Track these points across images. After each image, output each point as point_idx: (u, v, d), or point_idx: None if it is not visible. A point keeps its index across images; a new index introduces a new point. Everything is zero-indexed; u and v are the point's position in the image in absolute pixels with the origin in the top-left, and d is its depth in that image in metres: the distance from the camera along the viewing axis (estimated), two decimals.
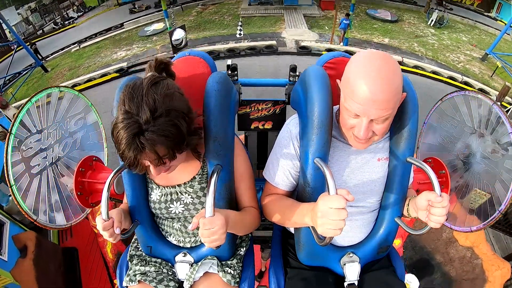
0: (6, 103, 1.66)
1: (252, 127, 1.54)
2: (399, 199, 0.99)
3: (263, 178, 1.09)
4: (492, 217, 1.17)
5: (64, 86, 1.29)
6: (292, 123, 1.02)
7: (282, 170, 1.00)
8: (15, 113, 1.81)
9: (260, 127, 1.54)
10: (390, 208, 1.00)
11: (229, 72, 1.36)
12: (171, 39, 8.98)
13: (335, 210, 0.72)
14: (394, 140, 0.97)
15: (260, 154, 1.69)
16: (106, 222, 0.84)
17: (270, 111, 1.49)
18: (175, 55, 1.22)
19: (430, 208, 0.82)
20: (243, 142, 1.49)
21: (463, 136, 1.32)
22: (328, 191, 0.74)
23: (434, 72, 8.71)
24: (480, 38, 12.93)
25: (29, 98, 1.13)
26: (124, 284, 1.03)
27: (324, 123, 0.89)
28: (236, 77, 1.39)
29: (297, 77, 1.35)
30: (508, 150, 1.15)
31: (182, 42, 9.23)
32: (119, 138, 0.75)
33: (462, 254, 2.20)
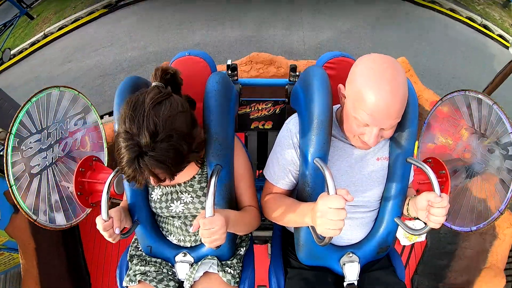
0: None
1: (252, 127, 1.54)
2: (399, 199, 0.99)
3: (263, 178, 1.09)
4: (492, 217, 1.17)
5: (64, 86, 1.28)
6: (292, 122, 1.02)
7: (282, 169, 1.00)
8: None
9: (260, 127, 1.53)
10: (390, 208, 1.00)
11: (229, 72, 1.36)
12: None
13: (335, 210, 0.72)
14: (394, 140, 0.97)
15: (260, 154, 1.69)
16: (106, 223, 0.84)
17: (270, 111, 1.49)
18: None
19: (430, 208, 0.82)
20: (243, 142, 1.49)
21: (463, 136, 1.32)
22: (328, 191, 0.74)
23: (452, 10, 8.22)
24: None
25: (29, 98, 1.13)
26: (124, 284, 1.03)
27: (324, 123, 0.89)
28: (236, 77, 1.39)
29: (297, 77, 1.35)
30: (508, 150, 1.14)
31: None
32: (120, 155, 0.75)
33: None
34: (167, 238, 1.09)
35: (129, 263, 1.11)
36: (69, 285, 1.97)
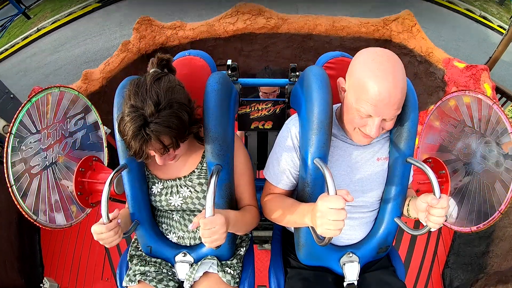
0: None
1: (252, 127, 1.54)
2: (399, 199, 0.99)
3: (263, 178, 1.09)
4: (492, 217, 1.17)
5: (64, 86, 1.28)
6: (292, 123, 1.02)
7: (282, 169, 1.00)
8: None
9: (260, 127, 1.53)
10: (389, 208, 1.00)
11: (229, 72, 1.35)
12: None
13: (335, 211, 0.72)
14: (394, 140, 0.97)
15: (260, 154, 1.69)
16: (109, 224, 0.85)
17: (270, 111, 1.49)
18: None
19: (430, 209, 0.82)
20: (243, 142, 1.49)
21: (463, 136, 1.32)
22: (328, 192, 0.74)
23: (450, 2, 8.18)
24: None
25: (29, 98, 1.13)
26: (124, 284, 1.03)
27: (324, 123, 0.89)
28: (236, 77, 1.39)
29: (297, 77, 1.35)
30: (508, 150, 1.14)
31: None
32: (125, 130, 0.80)
33: None
34: (167, 236, 1.09)
35: (129, 263, 1.11)
36: (17, 275, 1.70)
